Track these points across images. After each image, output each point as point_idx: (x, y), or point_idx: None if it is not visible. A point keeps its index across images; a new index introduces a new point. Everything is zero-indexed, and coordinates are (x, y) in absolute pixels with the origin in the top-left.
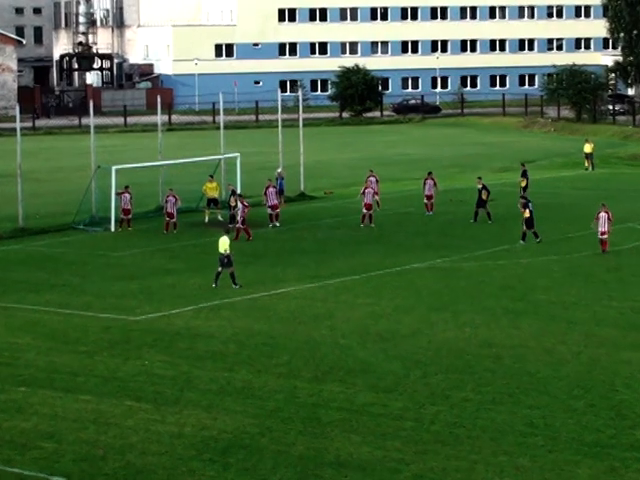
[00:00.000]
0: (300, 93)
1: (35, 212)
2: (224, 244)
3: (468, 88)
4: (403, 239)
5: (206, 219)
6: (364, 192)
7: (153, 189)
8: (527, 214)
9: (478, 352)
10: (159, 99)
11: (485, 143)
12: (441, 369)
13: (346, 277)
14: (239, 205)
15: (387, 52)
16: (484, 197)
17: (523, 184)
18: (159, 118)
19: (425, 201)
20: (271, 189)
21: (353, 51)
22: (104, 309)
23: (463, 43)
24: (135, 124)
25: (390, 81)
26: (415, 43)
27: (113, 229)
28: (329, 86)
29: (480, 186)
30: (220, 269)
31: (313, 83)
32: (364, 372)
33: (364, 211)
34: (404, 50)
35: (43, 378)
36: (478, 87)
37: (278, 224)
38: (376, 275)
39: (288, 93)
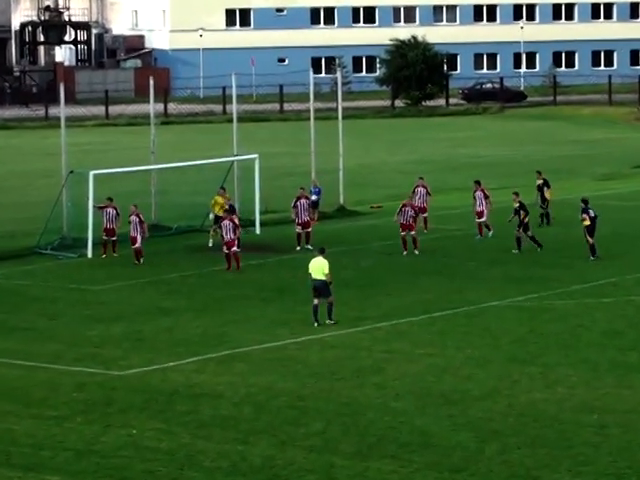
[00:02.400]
0: (339, 74)
1: None
2: (321, 267)
3: (562, 68)
4: (475, 269)
5: (210, 242)
6: (402, 209)
7: (144, 201)
8: (588, 222)
9: (575, 419)
10: (152, 82)
11: (585, 141)
12: (525, 442)
13: (400, 319)
14: (226, 223)
15: (454, 20)
16: (524, 219)
17: (549, 196)
18: (152, 108)
19: (477, 220)
20: (303, 201)
21: (409, 19)
22: (78, 360)
23: (556, 8)
24: (120, 115)
25: (459, 59)
26: (492, 8)
27: (91, 254)
28: (377, 65)
29: (517, 204)
30: (316, 301)
31: (356, 61)
32: (423, 446)
33: (401, 234)
34: (477, 17)
35: None
36: (576, 67)
37: (310, 247)
38: (439, 317)
39: (323, 74)
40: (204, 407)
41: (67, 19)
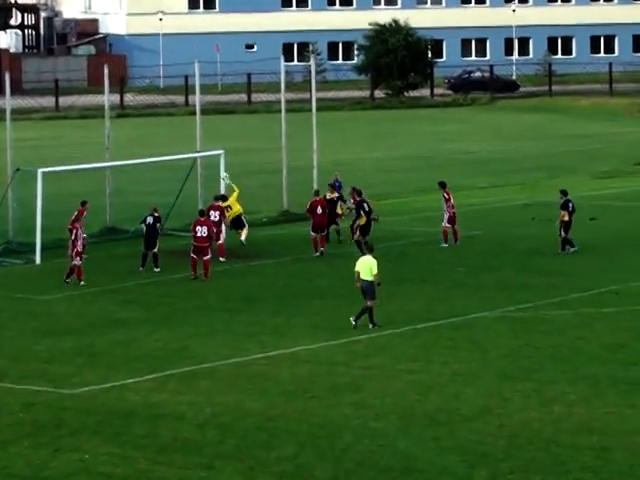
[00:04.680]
0: (313, 62)
1: None
2: (370, 267)
3: (558, 55)
4: (463, 276)
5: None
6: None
7: (97, 201)
8: (566, 218)
9: (573, 441)
10: (106, 71)
11: (583, 135)
12: (519, 467)
13: (380, 331)
14: (198, 227)
15: (440, 2)
16: (565, 218)
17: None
18: (106, 99)
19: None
20: (318, 205)
21: (390, 1)
22: (25, 378)
23: None
24: (71, 107)
25: (445, 45)
26: None
27: (39, 260)
28: (355, 52)
29: (563, 201)
30: (370, 303)
31: (332, 47)
32: (406, 471)
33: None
34: None
35: None
36: (573, 54)
37: (321, 251)
38: (424, 328)
39: (295, 62)
40: (164, 429)
41: (13, 1)
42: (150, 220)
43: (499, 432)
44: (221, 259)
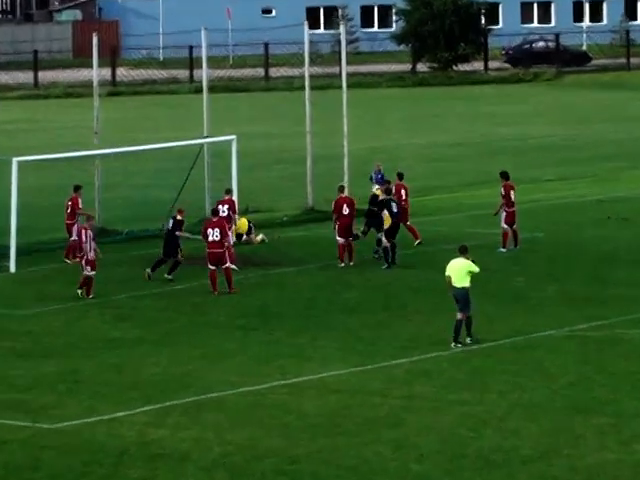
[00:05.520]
0: (343, 30)
1: None
2: (463, 271)
3: (638, 21)
4: (525, 287)
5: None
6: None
7: (84, 197)
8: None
9: None
10: (95, 40)
11: None
12: None
13: (424, 353)
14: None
15: None
16: None
17: None
18: (95, 74)
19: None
20: (344, 204)
21: None
22: None
23: None
24: (53, 84)
25: (501, 9)
26: None
27: (14, 268)
28: (393, 18)
29: None
30: (460, 315)
31: (365, 12)
32: None
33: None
34: None
35: None
36: None
37: (350, 263)
38: (477, 350)
39: (321, 30)
40: (163, 472)
41: None
42: (169, 224)
43: (569, 476)
44: (231, 267)
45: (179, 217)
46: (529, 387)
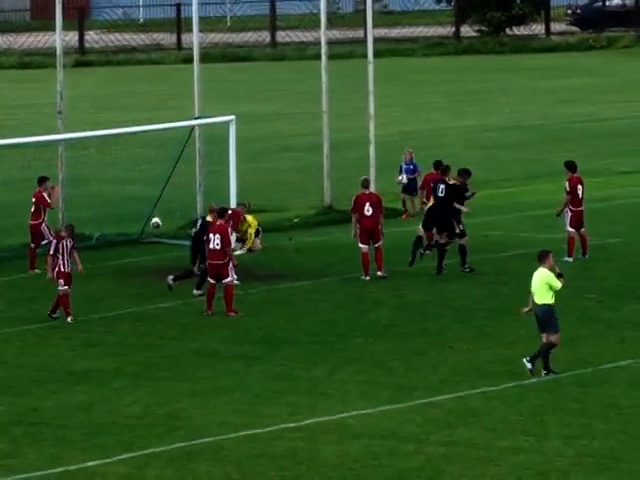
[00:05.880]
0: None
1: None
2: (543, 284)
3: None
4: (595, 306)
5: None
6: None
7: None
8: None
9: None
10: None
11: None
12: None
13: (469, 389)
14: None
15: None
16: None
17: None
18: (58, 39)
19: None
20: (366, 202)
21: None
22: None
23: None
24: (7, 51)
25: None
26: None
27: None
28: None
29: None
30: (551, 338)
31: None
32: None
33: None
34: None
35: None
36: None
37: (378, 273)
38: (535, 385)
39: None
40: None
41: None
42: (197, 226)
43: None
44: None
45: (210, 217)
46: (600, 432)
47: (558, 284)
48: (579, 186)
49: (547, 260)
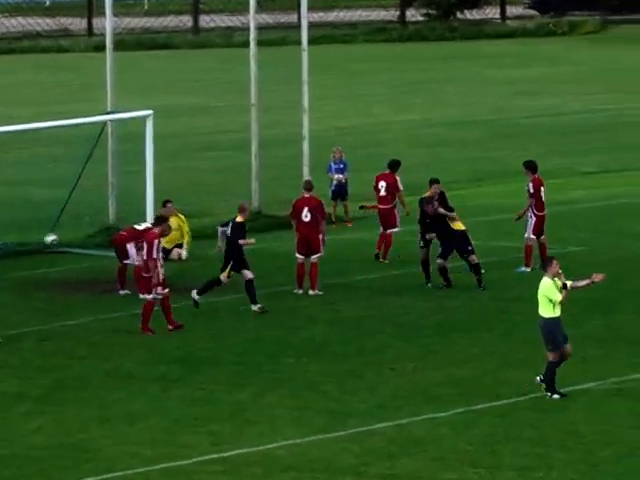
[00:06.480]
0: None
1: None
2: (545, 295)
3: None
4: (566, 324)
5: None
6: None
7: None
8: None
9: None
10: None
11: None
12: None
13: (414, 415)
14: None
15: None
16: None
17: None
18: None
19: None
20: (304, 207)
21: None
22: None
23: None
24: None
25: None
26: None
27: None
28: None
29: None
30: (551, 356)
31: None
32: None
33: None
34: None
35: None
36: None
37: (318, 292)
38: (488, 409)
39: None
40: None
41: None
42: (228, 229)
43: None
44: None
45: (239, 218)
46: (559, 462)
47: (556, 297)
48: (542, 188)
49: (550, 268)
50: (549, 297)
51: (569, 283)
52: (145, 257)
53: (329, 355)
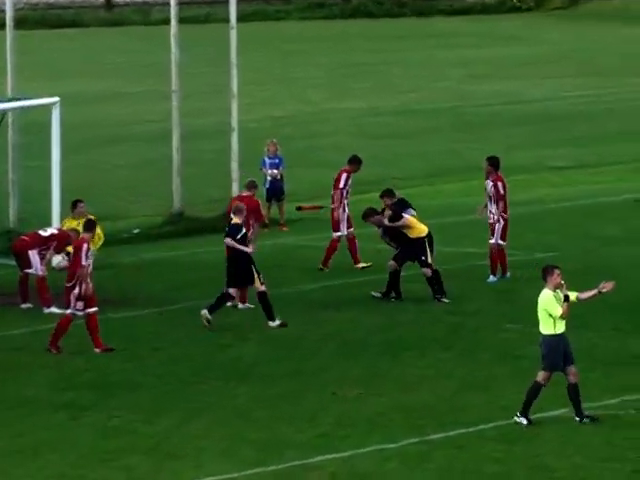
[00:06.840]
0: None
1: None
2: (545, 309)
3: None
4: (516, 339)
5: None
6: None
7: None
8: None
9: None
10: None
11: None
12: None
13: (359, 447)
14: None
15: None
16: None
17: None
18: None
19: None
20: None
21: None
22: None
23: None
24: None
25: None
26: None
27: None
28: None
29: None
30: (541, 377)
31: None
32: None
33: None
34: None
35: None
36: None
37: (246, 305)
38: (445, 440)
39: None
40: None
41: None
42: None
43: None
44: (47, 310)
45: (236, 220)
46: None
47: (557, 311)
48: (503, 187)
49: (550, 278)
50: (549, 312)
51: (573, 295)
52: (70, 264)
53: (261, 377)
